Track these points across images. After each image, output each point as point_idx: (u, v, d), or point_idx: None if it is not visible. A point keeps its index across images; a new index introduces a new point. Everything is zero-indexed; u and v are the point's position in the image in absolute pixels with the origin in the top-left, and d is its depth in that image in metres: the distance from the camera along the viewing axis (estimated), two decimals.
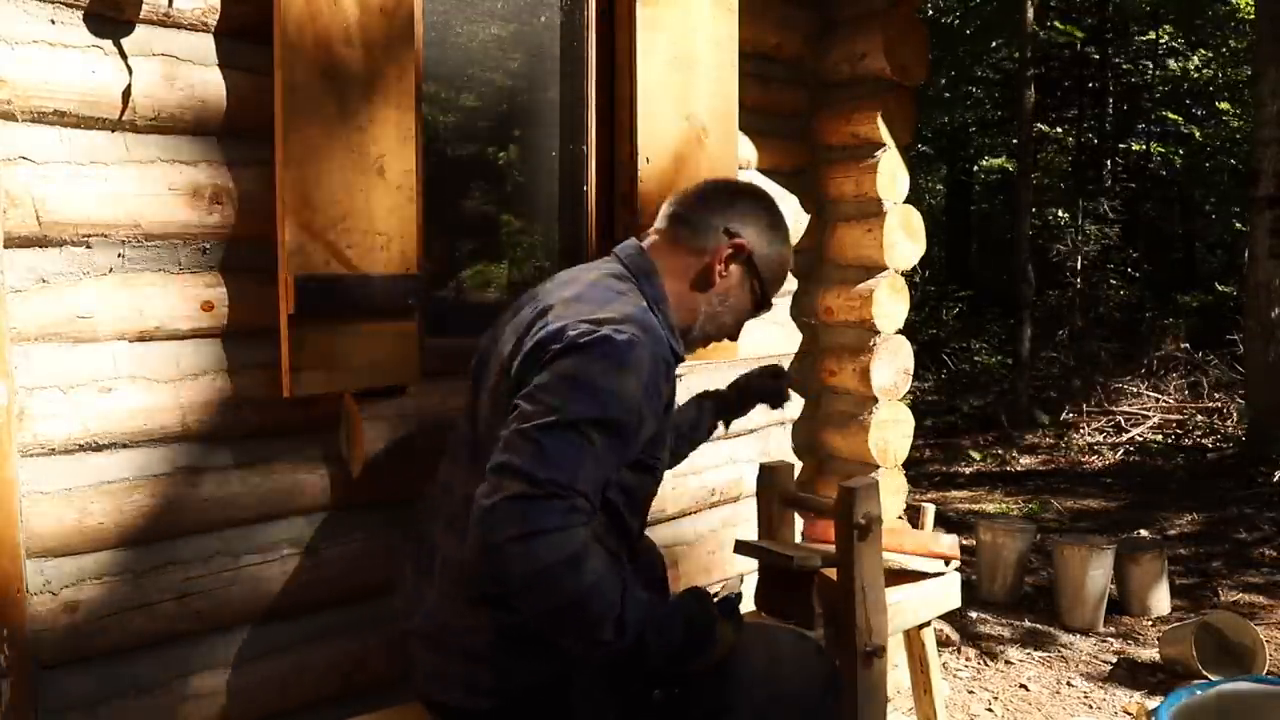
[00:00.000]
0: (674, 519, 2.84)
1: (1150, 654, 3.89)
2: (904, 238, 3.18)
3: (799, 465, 3.28)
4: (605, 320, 1.48)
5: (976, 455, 8.32)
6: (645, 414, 1.50)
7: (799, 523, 2.46)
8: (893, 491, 3.24)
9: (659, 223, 1.77)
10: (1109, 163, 13.59)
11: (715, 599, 1.62)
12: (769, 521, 2.27)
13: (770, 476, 2.25)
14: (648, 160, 2.57)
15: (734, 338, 1.82)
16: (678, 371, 2.80)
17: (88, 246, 1.82)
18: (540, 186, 2.83)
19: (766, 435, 3.17)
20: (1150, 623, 4.28)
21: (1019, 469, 7.92)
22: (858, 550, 1.87)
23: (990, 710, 3.44)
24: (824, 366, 3.30)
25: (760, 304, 1.79)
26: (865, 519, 1.86)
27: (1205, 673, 3.42)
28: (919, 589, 2.26)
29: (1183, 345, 10.33)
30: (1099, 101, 13.72)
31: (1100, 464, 7.95)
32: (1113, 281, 12.36)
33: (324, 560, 2.11)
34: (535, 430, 1.37)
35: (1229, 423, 8.56)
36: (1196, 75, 13.03)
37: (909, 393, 3.48)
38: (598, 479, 1.42)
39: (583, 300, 1.55)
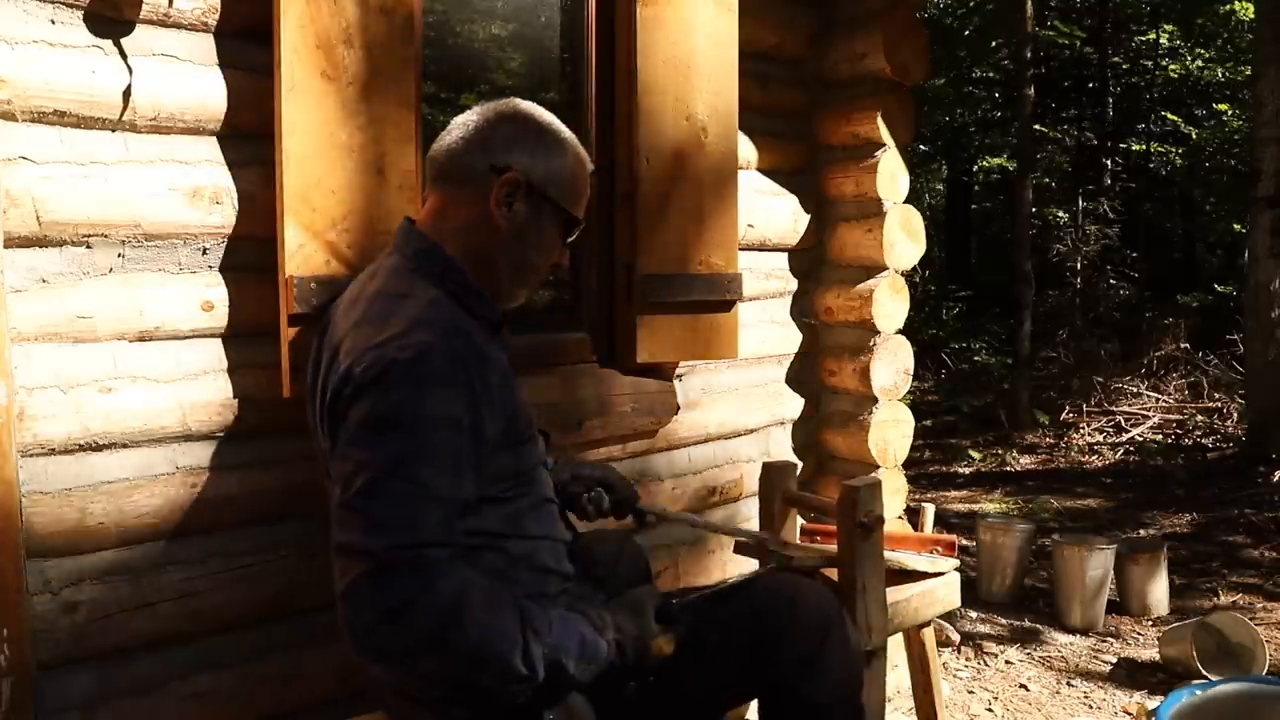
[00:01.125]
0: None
1: (1150, 654, 3.89)
2: (904, 238, 3.18)
3: (799, 465, 3.28)
4: (388, 340, 1.37)
5: (976, 455, 8.32)
6: (478, 412, 1.40)
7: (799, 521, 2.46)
8: (893, 491, 3.24)
9: (428, 184, 1.63)
10: (1109, 163, 13.59)
11: (653, 604, 1.55)
12: (771, 520, 2.27)
13: (773, 475, 2.25)
14: (648, 160, 2.57)
15: (559, 268, 1.68)
16: (678, 372, 2.82)
17: (88, 246, 1.82)
18: None
19: (766, 435, 3.17)
20: (1150, 623, 4.28)
21: (1019, 469, 7.92)
22: (859, 549, 1.87)
23: (990, 710, 3.44)
24: (824, 366, 3.30)
25: (569, 226, 1.62)
26: (868, 518, 1.86)
27: (1205, 673, 3.42)
28: (919, 589, 2.25)
29: (1183, 345, 10.32)
30: (1099, 101, 13.71)
31: (1100, 464, 7.95)
32: (1113, 281, 12.37)
33: (322, 561, 2.10)
34: (357, 499, 1.29)
35: (1229, 423, 8.56)
36: (1197, 75, 13.03)
37: (909, 393, 3.48)
38: (445, 514, 1.33)
39: (366, 322, 1.44)
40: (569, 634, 1.41)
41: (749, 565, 2.69)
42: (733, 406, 3.03)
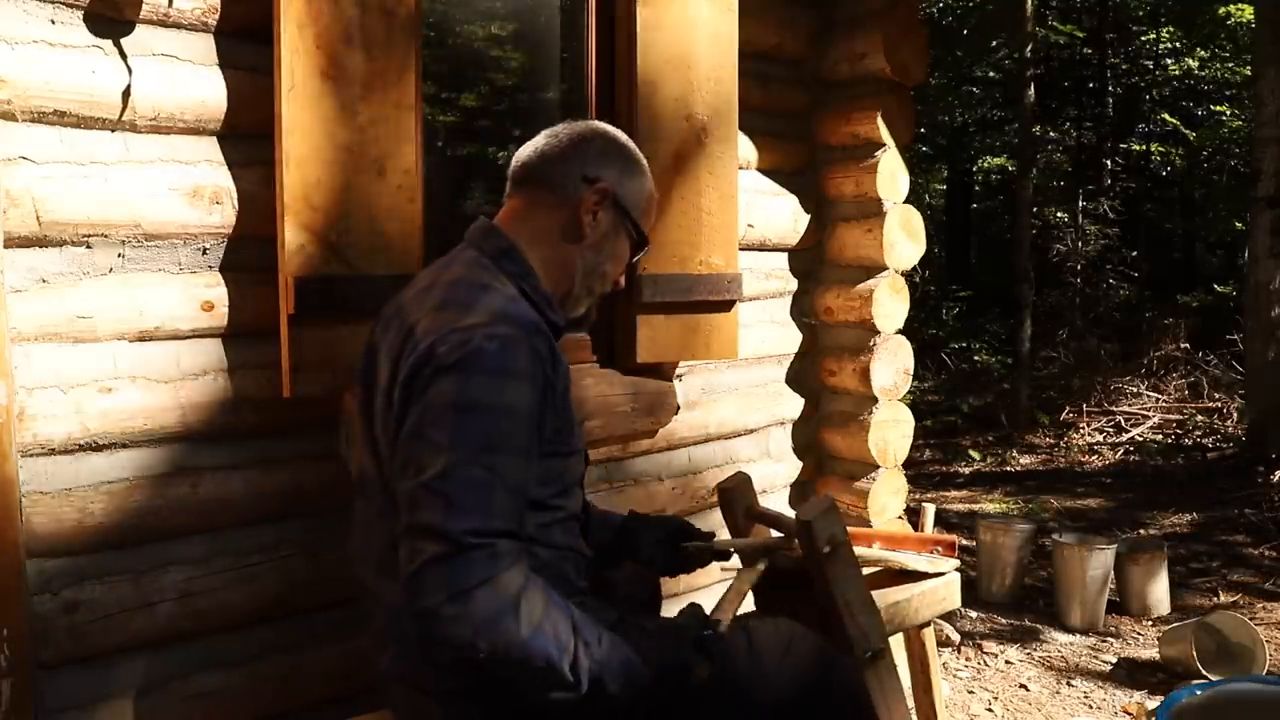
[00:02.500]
0: None
1: (1150, 654, 3.89)
2: (904, 238, 3.18)
3: (799, 465, 3.28)
4: (473, 326, 1.39)
5: (976, 455, 8.32)
6: (543, 414, 1.43)
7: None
8: (893, 491, 3.24)
9: (509, 188, 1.66)
10: (1109, 163, 13.58)
11: (692, 633, 1.53)
12: (736, 536, 2.23)
13: (730, 496, 2.19)
14: (648, 160, 2.57)
15: (619, 285, 1.73)
16: (678, 372, 2.82)
17: (88, 246, 1.82)
18: None
19: (766, 435, 3.17)
20: (1150, 623, 4.28)
21: (1019, 469, 7.92)
22: (831, 574, 1.84)
23: (990, 710, 3.44)
24: (824, 366, 3.30)
25: (638, 244, 1.69)
26: (830, 544, 1.83)
27: (1205, 673, 3.42)
28: (919, 589, 2.25)
29: (1183, 345, 10.32)
30: (1099, 101, 13.71)
31: (1100, 464, 7.95)
32: (1112, 281, 12.36)
33: (323, 560, 2.11)
34: (437, 481, 1.30)
35: (1229, 423, 8.56)
36: (1196, 76, 13.03)
37: (909, 393, 3.48)
38: (515, 507, 1.35)
39: (447, 307, 1.45)
40: (616, 653, 1.41)
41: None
42: (733, 406, 3.03)
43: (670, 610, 1.78)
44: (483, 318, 1.41)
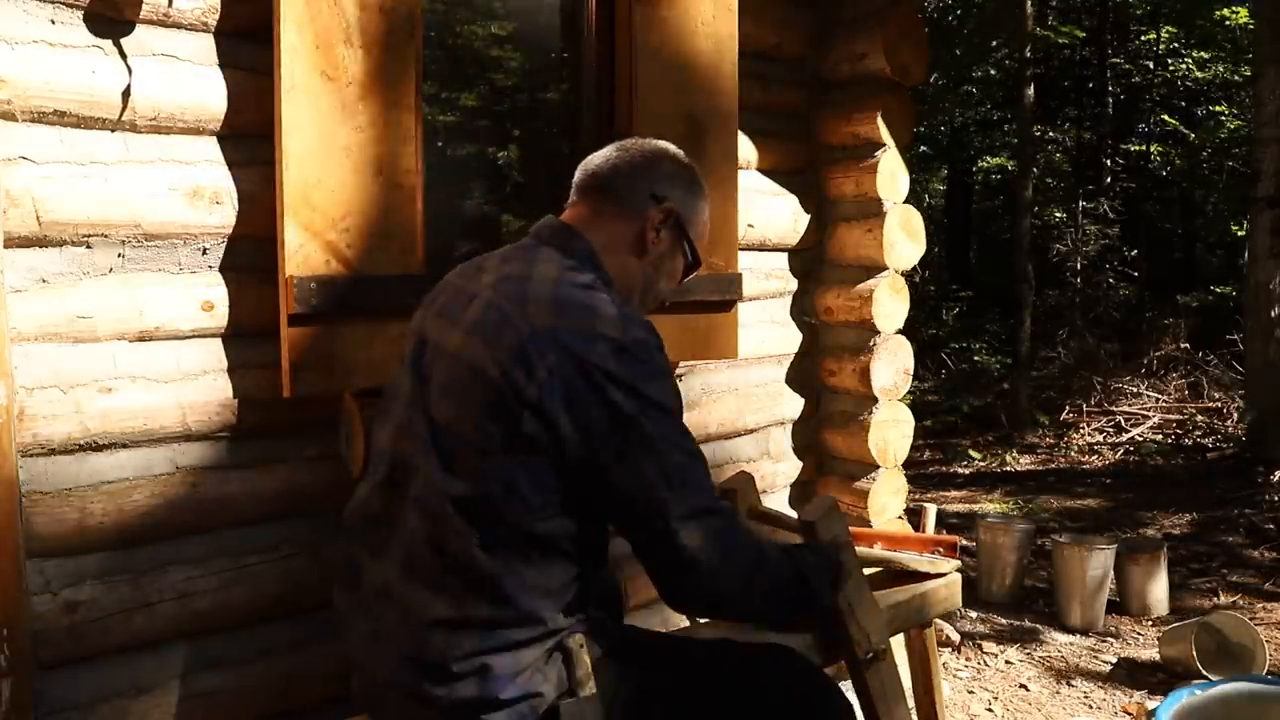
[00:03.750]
0: None
1: (1150, 654, 3.89)
2: (904, 238, 3.18)
3: (799, 465, 3.28)
4: (613, 333, 1.44)
5: (976, 455, 8.32)
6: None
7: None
8: (893, 491, 3.24)
9: (574, 195, 1.69)
10: (1109, 163, 13.58)
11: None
12: None
13: (732, 496, 2.17)
14: None
15: (667, 302, 1.79)
16: (678, 371, 2.82)
17: (88, 246, 1.82)
18: (540, 186, 2.83)
19: (766, 435, 3.17)
20: (1150, 623, 4.28)
21: (1019, 469, 7.92)
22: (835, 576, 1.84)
23: (990, 710, 3.44)
24: (824, 366, 3.30)
25: (692, 265, 1.74)
26: (833, 544, 1.84)
27: (1205, 673, 3.42)
28: (920, 589, 2.25)
29: (1183, 345, 10.32)
30: (1099, 101, 13.71)
31: (1100, 464, 7.95)
32: (1112, 281, 12.36)
33: (324, 560, 2.11)
34: (675, 469, 1.45)
35: (1229, 423, 8.56)
36: (1196, 76, 13.03)
37: (909, 393, 3.48)
38: (711, 478, 1.53)
39: (567, 308, 1.46)
40: (814, 556, 1.71)
41: None
42: (733, 406, 3.03)
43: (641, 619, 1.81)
44: (614, 323, 1.46)
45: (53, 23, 1.75)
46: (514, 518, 1.43)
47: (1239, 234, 11.40)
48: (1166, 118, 13.40)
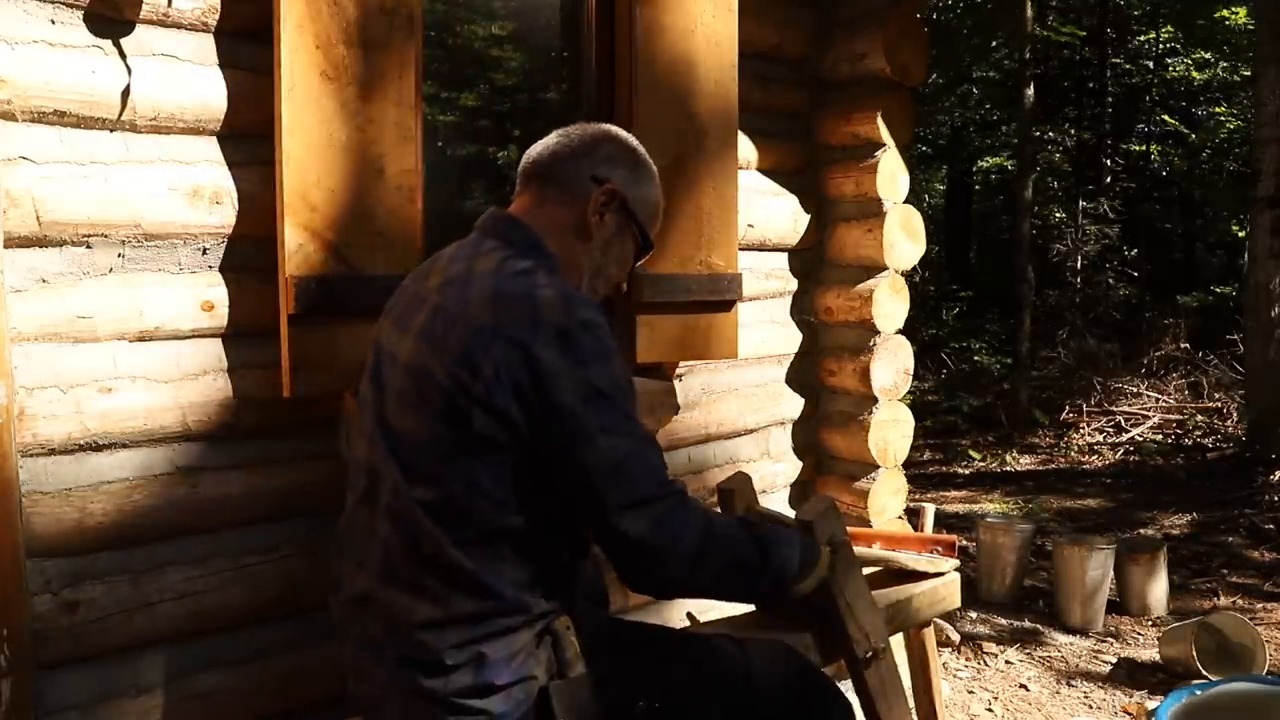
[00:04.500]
0: None
1: (1150, 654, 3.89)
2: (904, 238, 3.18)
3: (799, 465, 3.28)
4: (554, 318, 1.43)
5: (976, 455, 8.32)
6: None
7: None
8: (892, 492, 3.24)
9: (519, 184, 1.67)
10: (1109, 163, 13.58)
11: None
12: None
13: (730, 496, 2.19)
14: None
15: (621, 288, 1.77)
16: (678, 372, 2.82)
17: (88, 246, 1.82)
18: None
19: (766, 435, 3.17)
20: (1150, 623, 4.28)
21: (1018, 469, 7.92)
22: (832, 574, 1.84)
23: (990, 710, 3.44)
24: (824, 366, 3.30)
25: (642, 247, 1.72)
26: (832, 544, 1.84)
27: (1205, 673, 3.42)
28: (919, 589, 2.25)
29: (1183, 345, 10.32)
30: (1099, 101, 13.71)
31: (1100, 464, 7.95)
32: (1112, 281, 12.36)
33: (323, 560, 2.10)
34: (618, 461, 1.44)
35: (1229, 423, 8.56)
36: (1195, 77, 13.03)
37: (909, 393, 3.48)
38: (661, 454, 1.52)
39: (509, 300, 1.46)
40: (783, 533, 1.70)
41: None
42: (733, 406, 3.03)
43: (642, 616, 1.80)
44: (555, 308, 1.44)
45: (53, 23, 1.75)
46: (481, 515, 1.44)
47: (1239, 234, 11.40)
48: (1166, 118, 13.39)
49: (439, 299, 1.52)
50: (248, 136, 1.98)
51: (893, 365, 3.20)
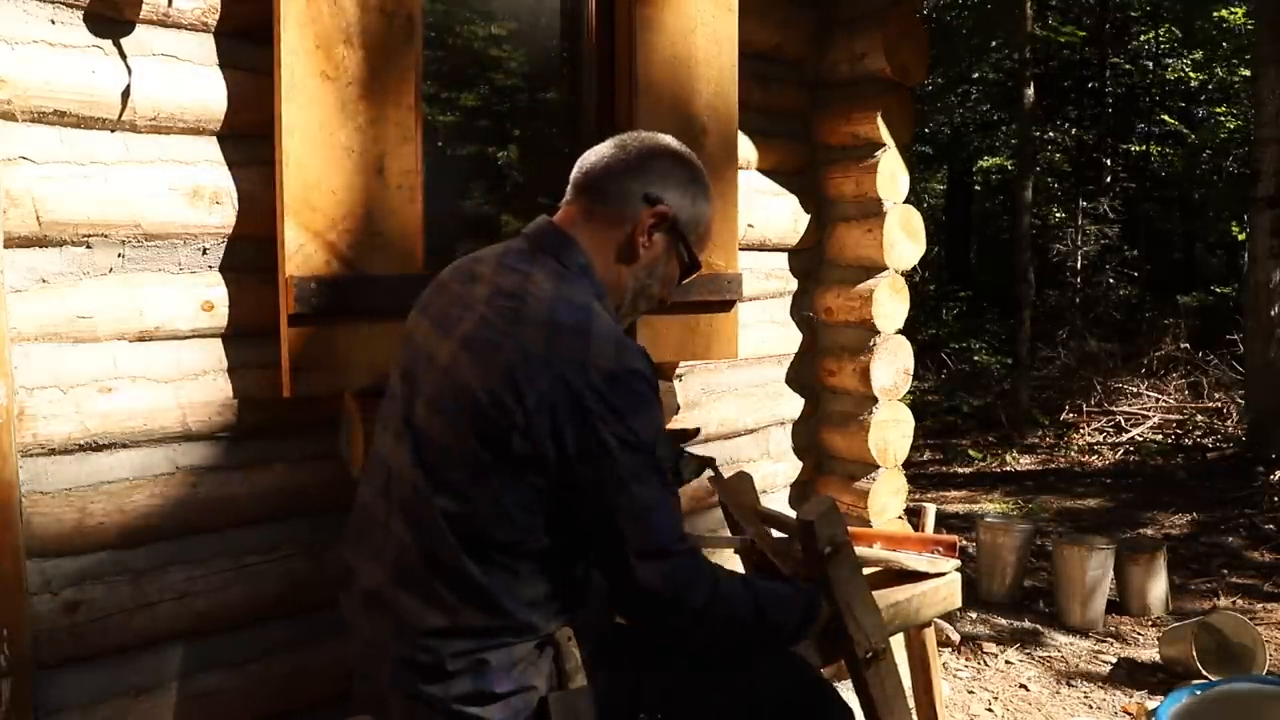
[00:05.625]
0: None
1: (1150, 654, 3.89)
2: (904, 238, 3.18)
3: (799, 465, 3.29)
4: (607, 360, 1.42)
5: (976, 455, 8.32)
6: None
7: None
8: (893, 491, 3.24)
9: (570, 192, 1.62)
10: (1109, 163, 13.59)
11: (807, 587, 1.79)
12: (736, 536, 2.23)
13: (731, 496, 2.18)
14: None
15: (664, 305, 1.73)
16: (678, 372, 2.82)
17: (88, 246, 1.82)
18: (540, 186, 2.83)
19: (766, 435, 3.17)
20: (1150, 623, 4.28)
21: (1018, 469, 7.92)
22: (831, 574, 1.84)
23: (990, 710, 3.44)
24: (824, 366, 3.30)
25: (689, 268, 1.67)
26: (832, 545, 1.83)
27: (1205, 673, 3.42)
28: (919, 589, 2.25)
29: (1183, 345, 10.32)
30: (1099, 101, 13.72)
31: (1100, 464, 7.95)
32: (1112, 281, 12.37)
33: (324, 560, 2.11)
34: (643, 509, 1.45)
35: (1229, 423, 8.56)
36: (1195, 76, 13.03)
37: (909, 393, 3.48)
38: (680, 512, 1.54)
39: (563, 331, 1.43)
40: (778, 592, 1.69)
41: None
42: (733, 406, 3.03)
43: None
44: (610, 350, 1.44)
45: (53, 23, 1.75)
46: (502, 535, 1.43)
47: (1239, 234, 11.40)
48: (1166, 118, 13.39)
49: (486, 310, 1.49)
50: (248, 136, 1.98)
51: (893, 365, 3.20)
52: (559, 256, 1.55)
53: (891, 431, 3.21)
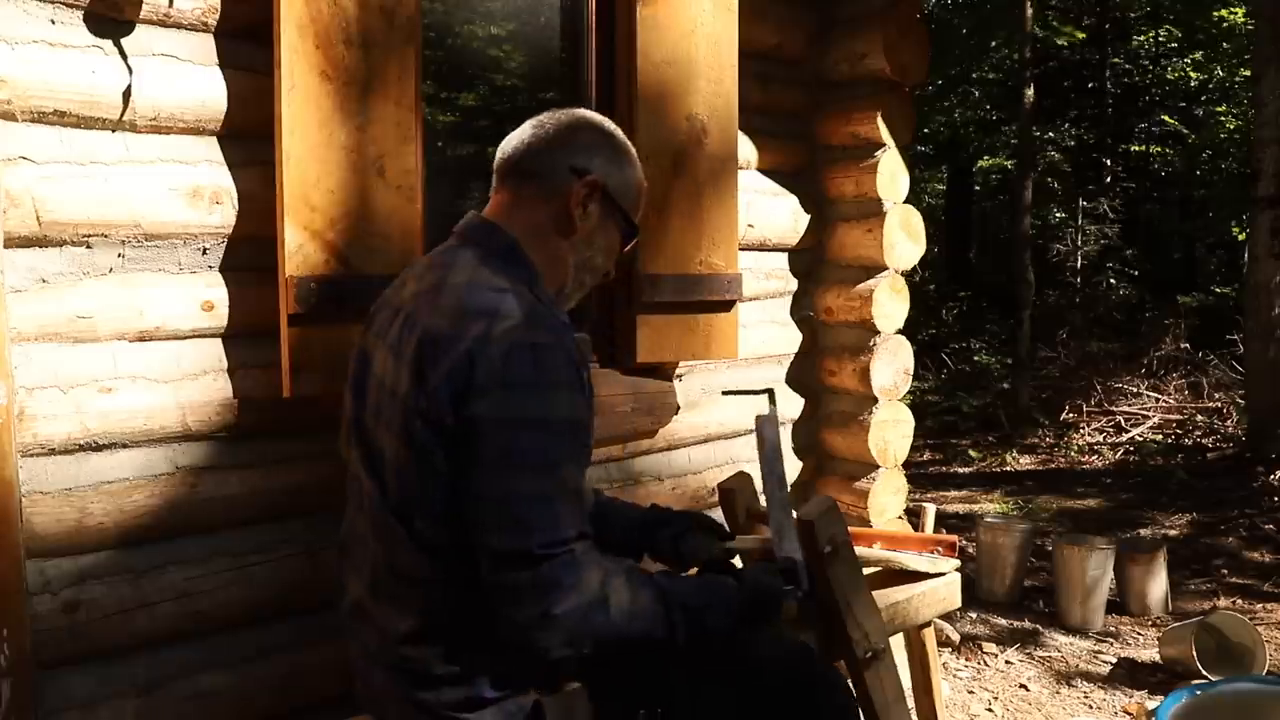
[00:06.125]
0: None
1: (1150, 654, 3.89)
2: (904, 238, 3.18)
3: (799, 465, 3.28)
4: (507, 335, 1.37)
5: (976, 455, 8.32)
6: (585, 413, 1.45)
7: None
8: (892, 491, 3.24)
9: (495, 181, 1.61)
10: (1109, 163, 13.59)
11: (776, 567, 1.71)
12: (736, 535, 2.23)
13: (731, 495, 2.17)
14: (648, 160, 2.56)
15: (609, 276, 1.70)
16: (678, 372, 2.82)
17: (88, 246, 1.82)
18: None
19: None
20: (1150, 623, 4.28)
21: (1019, 469, 7.92)
22: (831, 574, 1.84)
23: (990, 710, 3.44)
24: (824, 366, 3.30)
25: (628, 234, 1.65)
26: (831, 544, 1.83)
27: (1205, 673, 3.42)
28: (919, 589, 2.25)
29: (1183, 345, 10.32)
30: (1099, 101, 13.72)
31: (1100, 464, 7.94)
32: (1112, 281, 12.36)
33: (322, 561, 2.11)
34: (502, 504, 1.34)
35: (1229, 423, 8.55)
36: (1195, 77, 13.03)
37: (909, 393, 3.48)
38: (578, 510, 1.39)
39: (469, 314, 1.40)
40: (711, 594, 1.55)
41: None
42: (733, 406, 3.03)
43: None
44: (512, 325, 1.38)
45: (53, 23, 1.75)
46: (448, 536, 1.41)
47: (1239, 234, 11.40)
48: (1166, 118, 13.40)
49: (410, 308, 1.49)
50: (248, 136, 1.98)
51: (893, 365, 3.20)
52: (482, 243, 1.54)
53: (891, 431, 3.21)
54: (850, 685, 1.77)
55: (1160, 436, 8.53)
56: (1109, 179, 13.26)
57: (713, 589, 1.58)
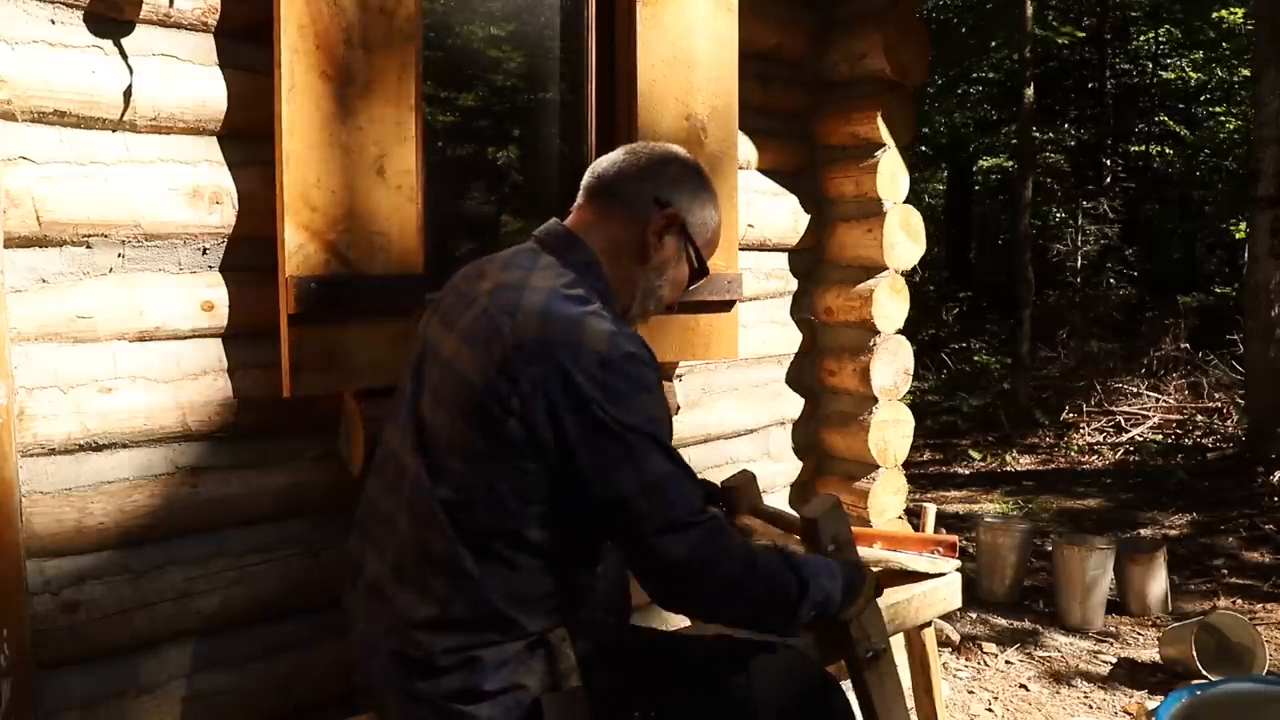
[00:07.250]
0: None
1: (1150, 654, 3.89)
2: (904, 238, 3.18)
3: (799, 465, 3.28)
4: (600, 344, 1.43)
5: (976, 455, 8.32)
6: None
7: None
8: (892, 491, 3.24)
9: (581, 197, 1.68)
10: (1109, 163, 13.59)
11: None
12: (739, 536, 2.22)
13: (734, 494, 2.18)
14: None
15: (671, 309, 1.77)
16: (678, 373, 2.82)
17: (88, 246, 1.82)
18: (540, 186, 2.83)
19: (766, 435, 3.17)
20: (1150, 623, 4.28)
21: (1019, 469, 7.92)
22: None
23: (990, 710, 3.44)
24: (824, 366, 3.30)
25: (697, 272, 1.72)
26: (835, 542, 1.84)
27: (1205, 673, 3.42)
28: (919, 589, 2.26)
29: (1183, 345, 10.32)
30: (1099, 101, 13.72)
31: (1100, 464, 7.94)
32: (1112, 281, 12.37)
33: (324, 560, 2.11)
34: (650, 486, 1.44)
35: (1229, 423, 8.55)
36: (1194, 77, 13.04)
37: (909, 393, 3.48)
38: (699, 483, 1.54)
39: (554, 320, 1.46)
40: (818, 565, 1.68)
41: None
42: (733, 406, 3.03)
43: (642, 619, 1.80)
44: (604, 335, 1.45)
45: (53, 23, 1.75)
46: (497, 523, 1.45)
47: (1239, 234, 11.40)
48: (1166, 118, 13.40)
49: (488, 302, 1.53)
50: (248, 136, 1.98)
51: (893, 365, 3.20)
52: (563, 254, 1.59)
53: (891, 431, 3.21)
54: (847, 698, 1.77)
55: (1160, 436, 8.53)
56: (1109, 179, 13.26)
57: (819, 562, 1.70)
